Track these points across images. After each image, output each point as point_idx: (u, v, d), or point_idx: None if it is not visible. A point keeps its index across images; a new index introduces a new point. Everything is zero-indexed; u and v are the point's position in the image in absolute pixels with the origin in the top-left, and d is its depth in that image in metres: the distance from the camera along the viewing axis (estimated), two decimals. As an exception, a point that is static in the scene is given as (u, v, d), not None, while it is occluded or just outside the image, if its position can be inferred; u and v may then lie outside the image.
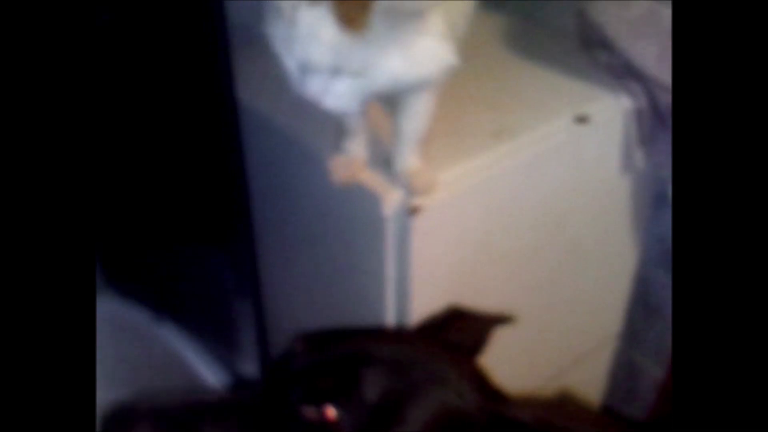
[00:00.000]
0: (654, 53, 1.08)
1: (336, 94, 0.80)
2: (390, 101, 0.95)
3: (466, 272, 1.06)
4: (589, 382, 1.48)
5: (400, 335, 0.93)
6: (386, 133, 0.99)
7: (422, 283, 1.01)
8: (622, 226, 1.28)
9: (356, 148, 0.98)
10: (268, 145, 1.10)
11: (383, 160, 0.98)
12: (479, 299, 1.06)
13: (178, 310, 1.40)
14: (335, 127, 0.97)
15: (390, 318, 1.03)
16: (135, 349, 1.45)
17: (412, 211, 0.94)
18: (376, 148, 0.99)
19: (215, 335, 1.36)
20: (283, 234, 1.19)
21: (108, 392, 1.51)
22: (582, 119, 1.07)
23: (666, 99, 1.09)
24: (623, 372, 1.50)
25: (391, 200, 0.95)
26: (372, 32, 0.75)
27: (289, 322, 1.29)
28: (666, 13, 1.06)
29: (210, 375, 1.34)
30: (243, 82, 1.02)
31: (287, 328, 1.30)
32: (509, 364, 0.93)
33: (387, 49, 0.78)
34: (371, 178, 0.97)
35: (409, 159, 0.95)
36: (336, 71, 0.78)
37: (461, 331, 0.88)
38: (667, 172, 1.18)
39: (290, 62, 0.80)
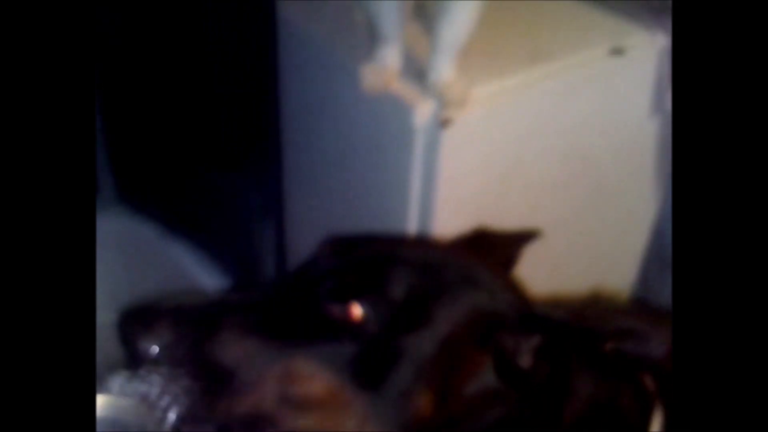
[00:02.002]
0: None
1: None
2: (428, 12, 0.94)
3: (490, 196, 1.06)
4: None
5: (429, 241, 0.92)
6: (422, 45, 0.98)
7: (446, 203, 1.00)
8: (645, 171, 1.26)
9: (390, 57, 0.97)
10: (298, 54, 1.09)
11: (417, 72, 0.97)
12: (500, 222, 1.06)
13: (193, 228, 1.39)
14: (369, 35, 0.96)
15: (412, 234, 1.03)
16: (145, 267, 1.44)
17: (443, 123, 0.93)
18: (410, 61, 0.98)
19: (232, 258, 1.34)
20: (309, 148, 1.18)
21: (114, 310, 1.52)
22: (617, 51, 1.06)
23: (703, 38, 1.08)
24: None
25: (423, 111, 0.94)
26: None
27: (310, 245, 1.28)
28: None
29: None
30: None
31: (307, 248, 1.29)
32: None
33: None
34: (403, 89, 0.96)
35: (444, 69, 0.94)
36: None
37: (489, 250, 0.86)
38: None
39: None
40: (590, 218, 1.24)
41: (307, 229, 1.30)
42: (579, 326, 0.67)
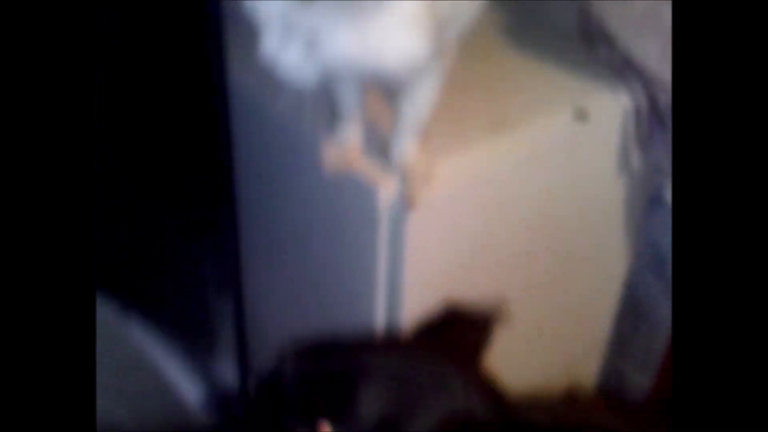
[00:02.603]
0: (655, 51, 1.05)
1: (289, 60, 0.71)
2: (390, 87, 0.91)
3: (459, 271, 1.02)
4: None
5: (397, 343, 0.88)
6: (384, 120, 0.95)
7: (415, 280, 0.97)
8: (615, 228, 1.25)
9: (351, 135, 0.93)
10: (257, 129, 1.05)
11: (379, 148, 0.94)
12: (471, 298, 1.02)
13: (148, 305, 1.33)
14: (329, 112, 0.93)
15: (380, 317, 0.99)
16: (98, 346, 1.37)
17: (408, 204, 0.90)
18: (373, 136, 0.95)
19: (190, 334, 1.29)
20: (269, 225, 1.14)
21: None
22: (581, 114, 1.04)
23: (665, 98, 1.07)
24: (610, 381, 1.47)
25: (387, 191, 0.90)
26: None
27: (272, 322, 1.24)
28: (669, 11, 1.04)
29: (182, 379, 1.27)
30: (234, 61, 0.97)
31: (269, 328, 1.25)
32: (496, 373, 0.89)
33: (338, 19, 0.68)
34: (366, 167, 0.93)
35: (407, 147, 0.90)
36: (289, 32, 0.69)
37: (460, 331, 0.83)
38: (662, 175, 1.15)
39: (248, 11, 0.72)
40: (562, 281, 1.21)
41: (269, 304, 1.25)
42: None
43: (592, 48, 1.10)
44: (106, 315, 1.35)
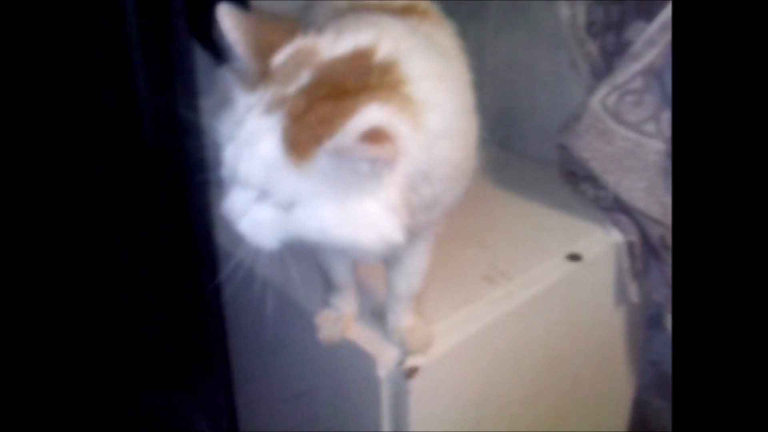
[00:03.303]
0: (641, 187, 1.06)
1: (255, 221, 0.68)
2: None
3: (466, 423, 1.01)
4: None
5: None
6: (378, 284, 0.95)
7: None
8: (619, 355, 1.24)
9: (345, 304, 0.93)
10: (252, 295, 1.05)
11: (376, 313, 0.94)
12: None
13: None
14: (323, 281, 0.93)
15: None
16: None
17: (408, 373, 0.89)
18: (368, 301, 0.95)
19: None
20: (267, 390, 1.13)
21: None
22: (574, 257, 1.04)
23: (657, 231, 1.07)
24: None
25: (386, 360, 0.90)
26: (314, 168, 0.64)
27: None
28: (650, 145, 1.06)
29: None
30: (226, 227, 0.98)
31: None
32: None
33: (323, 194, 0.65)
34: (364, 335, 0.92)
35: (403, 316, 0.90)
36: (262, 195, 0.67)
37: None
38: (660, 297, 1.15)
39: (223, 167, 0.69)
40: (570, 411, 1.19)
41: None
42: None
43: (577, 188, 1.11)
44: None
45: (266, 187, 0.65)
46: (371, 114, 0.62)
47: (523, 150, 1.34)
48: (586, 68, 1.15)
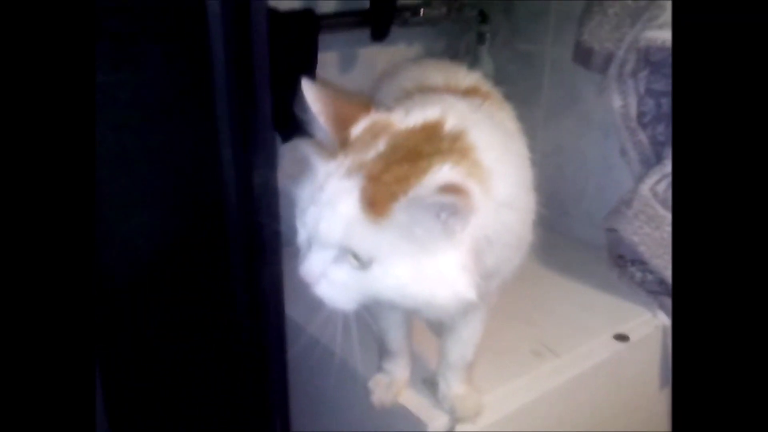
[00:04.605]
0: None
1: (333, 282, 0.71)
2: (437, 325, 0.95)
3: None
4: None
5: None
6: (430, 353, 0.99)
7: None
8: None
9: (398, 369, 0.97)
10: (309, 360, 1.09)
11: (426, 380, 0.97)
12: None
13: None
14: (378, 347, 0.97)
15: None
16: None
17: (458, 438, 0.92)
18: (420, 369, 0.98)
19: None
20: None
21: None
22: (621, 338, 1.07)
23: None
24: None
25: (437, 426, 0.92)
26: (391, 224, 0.67)
27: None
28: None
29: None
30: (288, 295, 1.02)
31: None
32: None
33: (399, 250, 0.68)
34: (415, 401, 0.95)
35: (455, 384, 0.93)
36: (340, 256, 0.70)
37: None
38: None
39: (302, 231, 0.73)
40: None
41: None
42: None
43: (625, 270, 1.15)
44: None
45: (346, 245, 0.68)
46: (446, 172, 0.67)
47: (570, 234, 1.38)
48: (636, 156, 1.20)
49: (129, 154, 1.11)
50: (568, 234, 1.39)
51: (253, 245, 1.02)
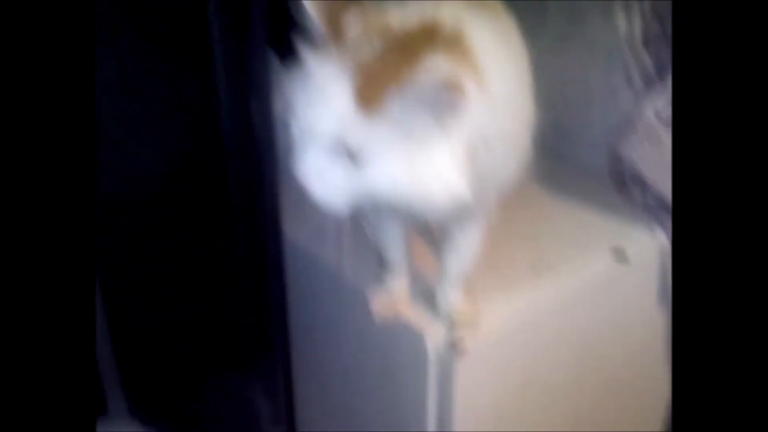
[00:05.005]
0: (688, 191, 1.09)
1: (328, 182, 0.72)
2: (434, 238, 0.96)
3: (507, 410, 1.04)
4: None
5: None
6: (429, 269, 1.00)
7: (465, 422, 0.99)
8: (657, 356, 1.26)
9: (398, 283, 0.98)
10: (308, 279, 1.11)
11: (426, 295, 0.98)
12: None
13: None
14: (377, 262, 0.98)
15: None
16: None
17: (456, 350, 0.93)
18: (419, 283, 1.00)
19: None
20: (321, 368, 1.18)
21: None
22: (620, 256, 1.08)
23: (702, 236, 1.10)
24: None
25: (435, 338, 0.94)
26: (385, 118, 0.68)
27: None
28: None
29: None
30: (288, 216, 1.04)
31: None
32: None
33: (392, 145, 0.69)
34: (414, 314, 0.97)
35: (452, 295, 0.95)
36: (334, 150, 0.70)
37: None
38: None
39: (295, 129, 0.73)
40: (607, 408, 1.22)
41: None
42: None
43: (625, 190, 1.15)
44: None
45: (339, 139, 0.69)
46: (439, 63, 0.67)
47: (574, 161, 1.38)
48: (640, 80, 1.19)
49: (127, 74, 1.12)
50: (571, 161, 1.39)
51: (250, 164, 1.03)
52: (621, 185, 1.16)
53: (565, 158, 1.28)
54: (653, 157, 1.10)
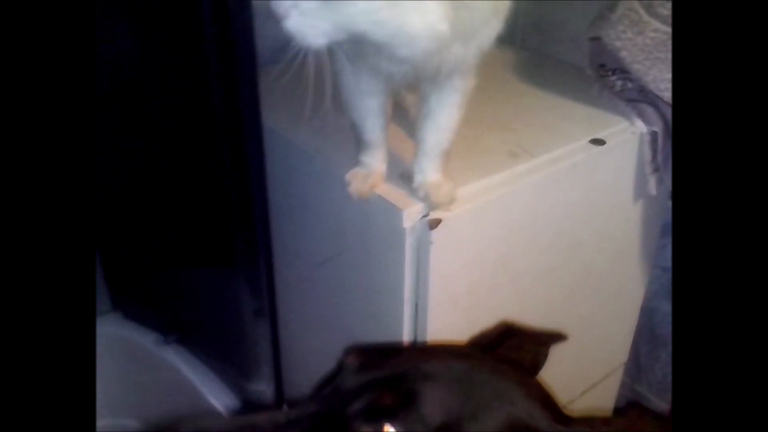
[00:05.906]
0: (668, 78, 1.10)
1: (303, 13, 0.69)
2: (410, 116, 0.96)
3: (482, 290, 1.06)
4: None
5: (460, 352, 0.84)
6: (405, 150, 1.00)
7: (439, 298, 1.01)
8: (632, 253, 1.28)
9: (375, 162, 0.99)
10: (287, 163, 1.11)
11: (402, 174, 0.99)
12: (493, 318, 1.06)
13: (186, 331, 1.39)
14: (355, 141, 0.99)
15: (406, 334, 1.03)
16: (141, 372, 1.44)
17: (432, 224, 0.94)
18: (395, 163, 1.00)
19: (226, 357, 1.34)
20: (300, 250, 1.19)
21: (112, 416, 1.50)
22: (597, 141, 1.08)
23: (679, 124, 1.11)
24: (628, 406, 1.49)
25: (412, 212, 0.95)
26: None
27: (302, 341, 1.28)
28: (679, 40, 1.09)
29: (218, 398, 1.32)
30: (265, 101, 1.03)
31: (299, 347, 1.30)
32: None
33: None
34: (391, 191, 0.98)
35: (430, 171, 0.95)
36: None
37: (517, 349, 0.83)
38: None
39: None
40: (580, 301, 1.24)
41: (301, 329, 1.30)
42: None
43: (605, 80, 1.15)
44: (147, 342, 1.41)
45: None
46: None
47: (554, 56, 1.38)
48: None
49: None
50: (552, 56, 1.39)
51: (230, 61, 1.01)
52: (601, 75, 1.16)
53: (549, 57, 1.28)
54: (633, 41, 1.10)
